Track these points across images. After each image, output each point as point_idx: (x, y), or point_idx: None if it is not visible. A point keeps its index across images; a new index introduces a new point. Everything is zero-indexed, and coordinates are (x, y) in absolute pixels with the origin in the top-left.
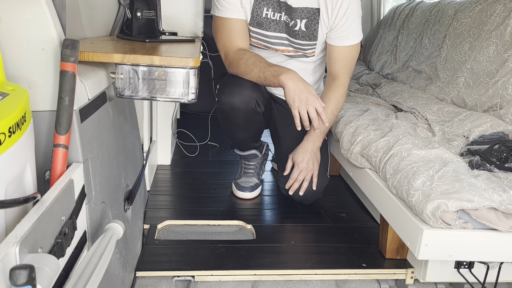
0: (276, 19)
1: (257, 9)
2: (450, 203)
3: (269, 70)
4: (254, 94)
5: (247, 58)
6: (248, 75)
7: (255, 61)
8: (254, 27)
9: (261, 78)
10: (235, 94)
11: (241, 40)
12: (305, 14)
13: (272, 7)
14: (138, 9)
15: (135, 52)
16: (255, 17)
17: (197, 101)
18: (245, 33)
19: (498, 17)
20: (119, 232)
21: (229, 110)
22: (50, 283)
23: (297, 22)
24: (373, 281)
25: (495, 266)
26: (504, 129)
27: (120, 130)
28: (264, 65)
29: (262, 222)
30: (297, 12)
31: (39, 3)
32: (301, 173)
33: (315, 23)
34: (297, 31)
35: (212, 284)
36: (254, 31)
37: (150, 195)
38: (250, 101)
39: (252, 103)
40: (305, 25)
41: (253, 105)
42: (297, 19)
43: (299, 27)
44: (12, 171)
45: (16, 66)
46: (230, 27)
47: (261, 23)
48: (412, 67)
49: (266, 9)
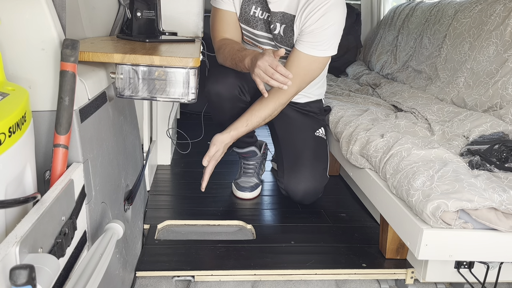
0: (263, 18)
1: (246, 6)
2: (450, 203)
3: (238, 56)
4: (237, 81)
5: (224, 48)
6: (226, 64)
7: (230, 50)
8: (242, 24)
9: (234, 66)
10: (219, 82)
11: (228, 31)
12: (284, 20)
13: (261, 6)
14: (138, 9)
15: (135, 52)
16: (243, 13)
17: (197, 101)
18: (234, 25)
19: (498, 17)
20: (119, 232)
21: (214, 97)
22: (50, 283)
23: (277, 26)
24: (373, 281)
25: (495, 266)
26: (504, 129)
27: (120, 130)
28: (235, 52)
29: (262, 222)
30: (277, 16)
31: (39, 3)
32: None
33: (290, 30)
34: (276, 34)
35: (212, 284)
36: (243, 27)
37: (150, 195)
38: (233, 87)
39: (235, 90)
40: (283, 31)
41: (237, 92)
42: (277, 23)
43: (278, 31)
44: (12, 171)
45: (16, 66)
46: (221, 18)
47: (249, 20)
48: (412, 67)
49: (255, 7)
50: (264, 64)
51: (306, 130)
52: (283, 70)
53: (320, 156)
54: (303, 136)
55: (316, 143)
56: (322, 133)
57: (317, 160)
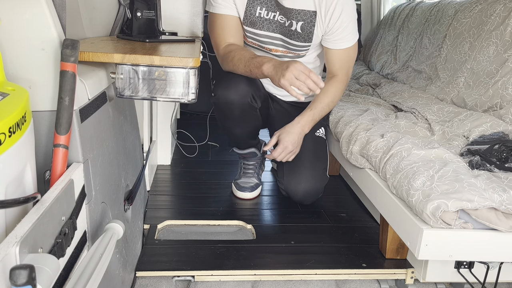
0: (269, 18)
1: (251, 8)
2: (450, 203)
3: (253, 63)
4: (250, 88)
5: (233, 55)
6: (237, 71)
7: (240, 57)
8: (247, 26)
9: (247, 73)
10: (231, 88)
11: (232, 36)
12: (302, 17)
13: (266, 6)
14: (138, 9)
15: (135, 52)
16: (248, 16)
17: (197, 101)
18: (237, 29)
19: (498, 17)
20: (119, 232)
21: (224, 104)
22: (50, 283)
23: (293, 23)
24: (373, 281)
25: (495, 266)
26: (504, 129)
27: (120, 130)
28: (248, 59)
29: (262, 222)
30: (293, 13)
31: (39, 3)
32: (283, 153)
33: (311, 26)
34: (292, 31)
35: (212, 284)
36: (247, 30)
37: (150, 195)
38: (245, 95)
39: (248, 97)
40: (301, 27)
41: (249, 99)
42: (293, 20)
43: (294, 28)
44: (12, 171)
45: (16, 66)
46: (222, 23)
47: (254, 22)
48: (412, 67)
49: (260, 8)
50: (298, 70)
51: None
52: (315, 77)
53: (320, 156)
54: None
55: (317, 143)
56: (322, 133)
57: (317, 160)
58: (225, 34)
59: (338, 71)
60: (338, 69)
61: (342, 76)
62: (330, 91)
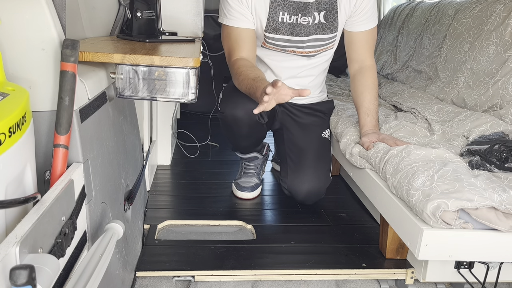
0: (292, 22)
1: (273, 14)
2: (450, 202)
3: (254, 86)
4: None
5: (239, 74)
6: (241, 90)
7: (244, 78)
8: (270, 33)
9: (249, 95)
10: (239, 107)
11: (245, 50)
12: (322, 6)
13: (287, 11)
14: (138, 9)
15: (135, 52)
16: (272, 23)
17: (197, 101)
18: (250, 43)
19: (498, 17)
20: (119, 232)
21: (232, 122)
22: (50, 283)
23: (315, 16)
24: (373, 281)
25: (495, 266)
26: (504, 129)
27: (120, 130)
28: (250, 81)
29: (262, 222)
30: (312, 7)
31: (39, 3)
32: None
33: (334, 13)
34: (316, 24)
35: (212, 284)
36: (270, 37)
37: (150, 195)
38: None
39: (256, 116)
40: (324, 17)
41: (257, 117)
42: (315, 13)
43: (318, 20)
44: (12, 171)
45: (16, 66)
46: (236, 37)
47: (278, 28)
48: (412, 67)
49: (282, 13)
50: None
51: (314, 131)
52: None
53: (325, 158)
54: (310, 137)
55: (322, 144)
56: (328, 134)
57: (322, 161)
58: (238, 47)
59: (365, 56)
60: (365, 53)
61: (370, 61)
62: (370, 82)
